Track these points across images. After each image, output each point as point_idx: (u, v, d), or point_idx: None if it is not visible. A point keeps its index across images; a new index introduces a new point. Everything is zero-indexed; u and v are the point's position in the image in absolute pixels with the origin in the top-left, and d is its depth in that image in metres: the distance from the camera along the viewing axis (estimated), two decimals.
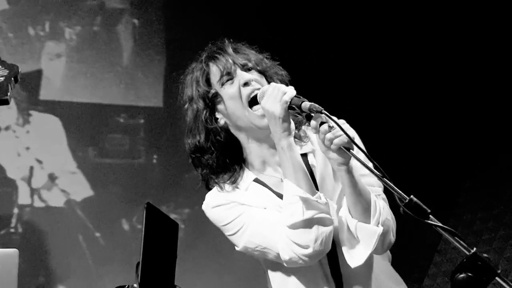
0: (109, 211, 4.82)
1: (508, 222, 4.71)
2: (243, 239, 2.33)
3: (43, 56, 4.86)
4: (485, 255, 1.78)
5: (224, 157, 2.36)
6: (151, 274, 3.04)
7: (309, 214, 2.21)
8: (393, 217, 2.30)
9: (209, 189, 2.41)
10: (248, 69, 2.35)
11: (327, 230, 2.23)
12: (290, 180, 2.23)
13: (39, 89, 4.84)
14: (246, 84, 2.32)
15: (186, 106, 2.38)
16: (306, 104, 2.19)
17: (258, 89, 2.30)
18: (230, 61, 2.34)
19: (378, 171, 2.05)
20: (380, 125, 4.87)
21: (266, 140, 2.33)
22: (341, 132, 2.13)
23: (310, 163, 2.36)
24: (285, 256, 2.25)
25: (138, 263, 2.98)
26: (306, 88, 2.37)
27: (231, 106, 2.32)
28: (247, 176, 2.37)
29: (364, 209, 2.20)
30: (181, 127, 2.44)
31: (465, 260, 1.77)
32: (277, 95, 2.21)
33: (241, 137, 2.37)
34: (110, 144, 4.92)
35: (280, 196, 2.31)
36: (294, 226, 2.22)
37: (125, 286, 3.19)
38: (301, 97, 2.23)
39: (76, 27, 4.92)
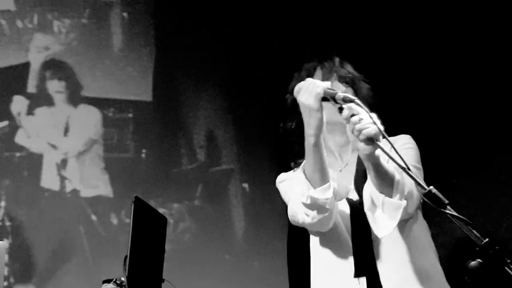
0: (97, 205, 4.81)
1: (495, 219, 4.73)
2: (288, 210, 2.62)
3: (31, 48, 4.84)
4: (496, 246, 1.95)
5: None
6: (139, 268, 3.04)
7: (311, 213, 2.49)
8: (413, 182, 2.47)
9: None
10: (345, 82, 2.71)
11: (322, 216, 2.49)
12: (306, 172, 2.47)
13: (27, 81, 4.81)
14: None
15: (287, 96, 2.72)
16: (339, 95, 2.38)
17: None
18: (333, 69, 2.70)
19: (403, 163, 2.18)
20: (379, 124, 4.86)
21: (338, 135, 2.67)
22: (371, 124, 2.29)
23: None
24: (300, 220, 2.55)
25: (126, 257, 2.97)
26: None
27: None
28: None
29: (388, 186, 2.40)
30: (170, 122, 2.48)
31: (478, 249, 1.95)
32: (312, 89, 2.43)
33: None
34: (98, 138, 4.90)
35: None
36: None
37: (112, 279, 3.19)
38: (335, 89, 2.44)
39: (64, 19, 4.90)
